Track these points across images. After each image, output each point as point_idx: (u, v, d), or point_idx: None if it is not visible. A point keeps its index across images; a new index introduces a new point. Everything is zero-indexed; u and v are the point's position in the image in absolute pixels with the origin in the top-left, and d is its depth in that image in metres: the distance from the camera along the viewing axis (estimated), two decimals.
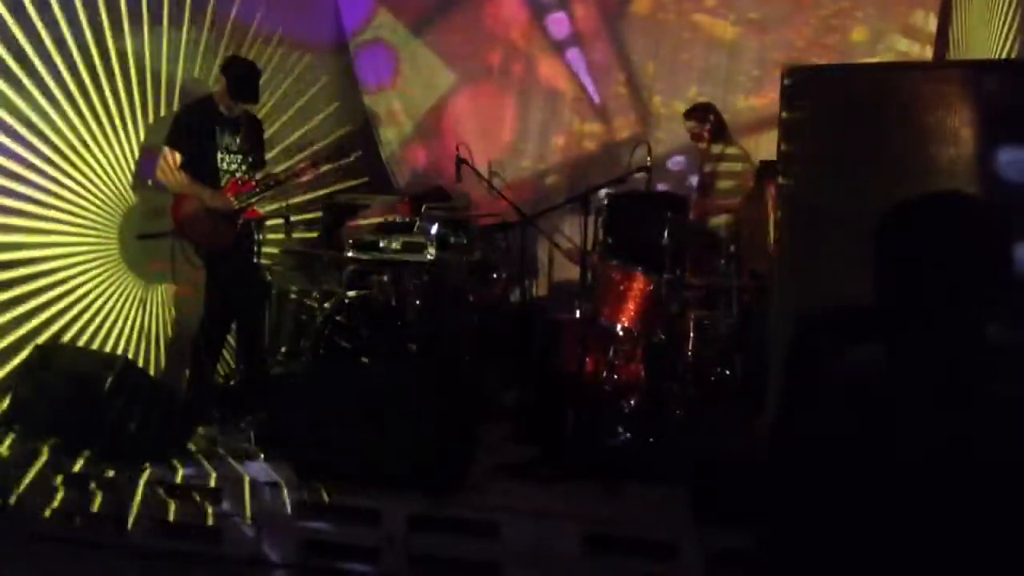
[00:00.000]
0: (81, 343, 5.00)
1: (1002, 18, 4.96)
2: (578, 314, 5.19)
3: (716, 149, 5.87)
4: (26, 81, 4.66)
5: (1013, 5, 4.77)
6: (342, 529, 3.97)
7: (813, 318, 3.18)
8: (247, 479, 4.10)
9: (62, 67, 4.84)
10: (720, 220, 5.67)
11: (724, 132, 5.95)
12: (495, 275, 5.88)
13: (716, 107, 6.03)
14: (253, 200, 5.04)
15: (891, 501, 2.94)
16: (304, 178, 5.25)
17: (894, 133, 3.07)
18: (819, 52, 6.60)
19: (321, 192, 6.35)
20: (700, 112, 5.99)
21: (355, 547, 3.94)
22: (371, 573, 3.87)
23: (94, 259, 5.14)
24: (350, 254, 5.33)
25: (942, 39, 6.14)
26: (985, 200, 2.96)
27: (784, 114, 3.23)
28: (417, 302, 5.24)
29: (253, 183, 5.08)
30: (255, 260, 5.12)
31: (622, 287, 5.06)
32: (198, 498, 4.14)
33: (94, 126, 5.09)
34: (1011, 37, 4.80)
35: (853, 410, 3.02)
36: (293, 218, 5.39)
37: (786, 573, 3.15)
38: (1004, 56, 4.82)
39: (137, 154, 5.32)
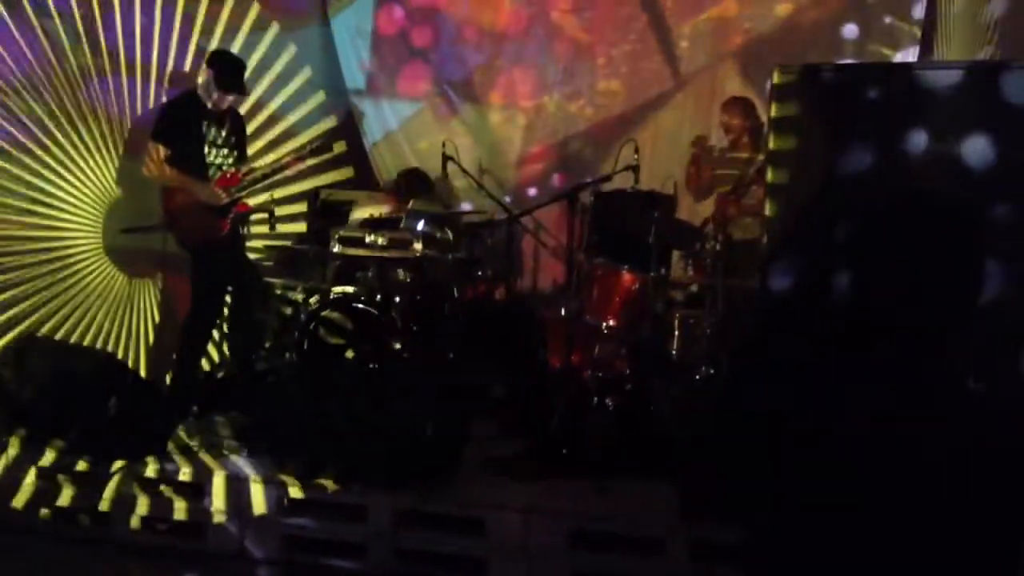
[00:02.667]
0: (62, 335, 4.96)
1: (985, 16, 5.01)
2: (564, 311, 5.20)
3: (751, 154, 5.45)
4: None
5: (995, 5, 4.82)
6: (327, 525, 3.94)
7: (800, 315, 3.21)
8: (230, 475, 4.07)
9: (52, 60, 4.83)
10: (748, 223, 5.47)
11: (760, 136, 5.44)
12: (480, 272, 5.87)
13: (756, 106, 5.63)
14: (241, 194, 5.00)
15: (875, 497, 2.97)
16: (289, 172, 5.22)
17: (882, 130, 3.10)
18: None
19: (306, 185, 6.29)
20: (742, 108, 5.56)
21: (340, 543, 3.92)
22: (357, 569, 3.85)
23: (78, 252, 5.10)
24: (336, 249, 5.30)
25: (927, 38, 6.17)
26: (966, 196, 3.00)
27: (774, 111, 3.26)
28: (402, 298, 5.22)
29: (240, 177, 5.04)
30: (246, 254, 5.08)
31: (608, 285, 5.08)
32: (181, 494, 4.10)
33: (76, 117, 5.07)
34: (994, 36, 4.85)
35: (836, 410, 3.05)
36: (277, 211, 5.34)
37: (772, 568, 3.16)
38: (986, 55, 4.87)
39: (122, 148, 5.28)
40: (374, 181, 7.08)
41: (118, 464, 4.15)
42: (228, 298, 5.27)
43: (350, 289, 5.23)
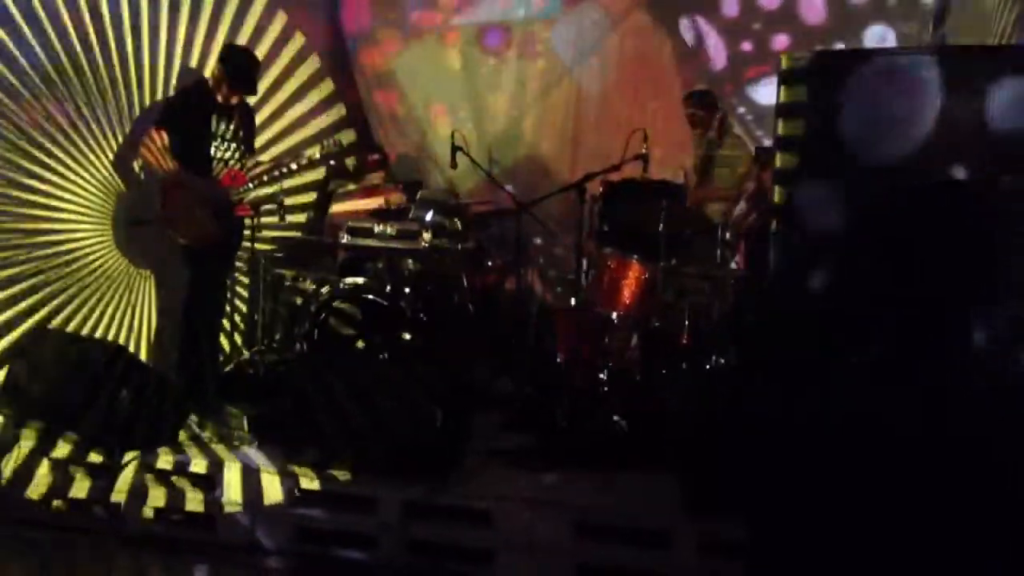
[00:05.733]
0: (73, 327, 4.99)
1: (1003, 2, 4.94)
2: (573, 302, 5.18)
3: (715, 137, 5.81)
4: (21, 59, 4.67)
5: None
6: (337, 516, 3.96)
7: (807, 303, 3.19)
8: (241, 466, 4.09)
9: (59, 48, 4.84)
10: (717, 208, 5.64)
11: (724, 120, 5.90)
12: (490, 262, 5.86)
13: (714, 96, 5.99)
14: (247, 195, 4.99)
15: (877, 492, 2.96)
16: (298, 171, 5.22)
17: (891, 117, 3.07)
18: None
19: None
20: (707, 100, 5.87)
21: (350, 534, 3.94)
22: (366, 560, 3.87)
23: (90, 243, 5.12)
24: (345, 240, 5.30)
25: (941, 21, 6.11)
26: (978, 188, 2.96)
27: (782, 98, 3.23)
28: (412, 289, 5.22)
29: (245, 177, 5.01)
30: (234, 262, 5.09)
31: (617, 275, 5.06)
32: (192, 485, 4.13)
33: (92, 109, 5.07)
34: (1011, 21, 4.78)
35: (843, 401, 3.04)
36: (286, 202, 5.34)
37: (777, 561, 3.16)
38: (1005, 40, 4.81)
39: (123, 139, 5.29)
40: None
41: (130, 455, 4.18)
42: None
43: (359, 280, 5.23)
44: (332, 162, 5.40)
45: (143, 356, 5.35)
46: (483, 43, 7.24)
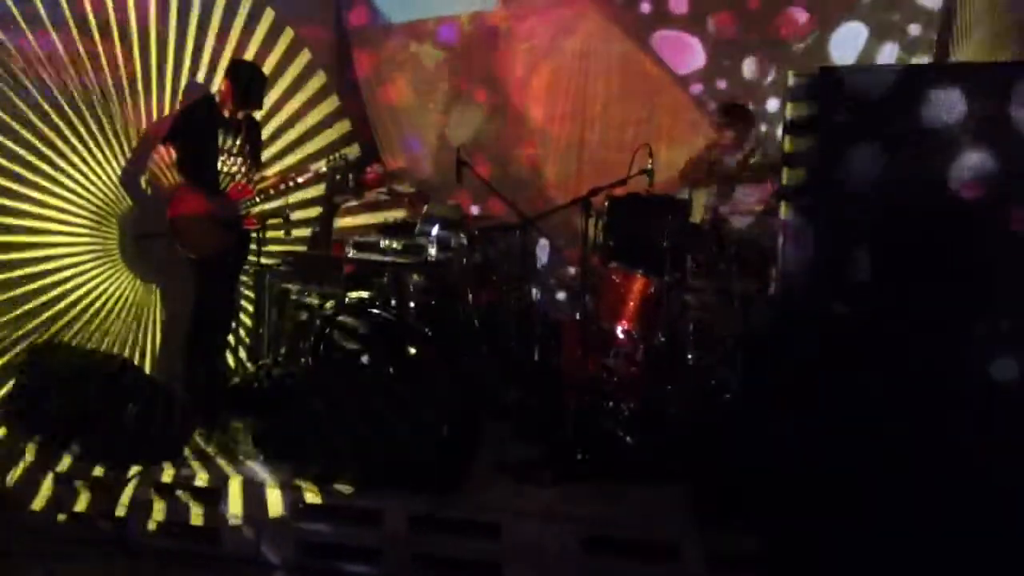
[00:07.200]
0: (79, 342, 4.99)
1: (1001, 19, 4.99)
2: (578, 316, 5.18)
3: (742, 157, 5.71)
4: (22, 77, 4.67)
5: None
6: (342, 530, 3.95)
7: (813, 317, 3.19)
8: (245, 480, 4.08)
9: (64, 62, 4.86)
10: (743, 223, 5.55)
11: (752, 139, 5.74)
12: (495, 276, 5.86)
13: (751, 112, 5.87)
14: (252, 208, 5.01)
15: (889, 500, 2.96)
16: (303, 185, 5.24)
17: (898, 133, 3.08)
18: None
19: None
20: (741, 117, 5.71)
21: (355, 548, 3.93)
22: (372, 574, 3.86)
23: (94, 258, 5.13)
24: (351, 255, 5.31)
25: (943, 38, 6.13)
26: (983, 203, 2.98)
27: (789, 114, 3.25)
28: (417, 303, 5.22)
29: (252, 190, 5.04)
30: (240, 275, 5.11)
31: (622, 289, 5.07)
32: (197, 499, 4.12)
33: (92, 124, 5.09)
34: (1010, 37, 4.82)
35: (853, 410, 3.04)
36: (292, 216, 5.36)
37: (788, 573, 3.15)
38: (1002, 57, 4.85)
39: (130, 154, 5.30)
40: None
41: (135, 469, 4.17)
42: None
43: (365, 294, 5.23)
44: (337, 176, 5.41)
45: (149, 369, 5.34)
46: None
